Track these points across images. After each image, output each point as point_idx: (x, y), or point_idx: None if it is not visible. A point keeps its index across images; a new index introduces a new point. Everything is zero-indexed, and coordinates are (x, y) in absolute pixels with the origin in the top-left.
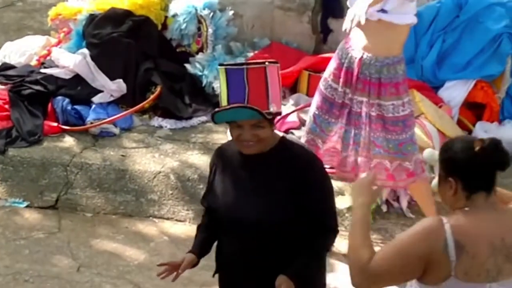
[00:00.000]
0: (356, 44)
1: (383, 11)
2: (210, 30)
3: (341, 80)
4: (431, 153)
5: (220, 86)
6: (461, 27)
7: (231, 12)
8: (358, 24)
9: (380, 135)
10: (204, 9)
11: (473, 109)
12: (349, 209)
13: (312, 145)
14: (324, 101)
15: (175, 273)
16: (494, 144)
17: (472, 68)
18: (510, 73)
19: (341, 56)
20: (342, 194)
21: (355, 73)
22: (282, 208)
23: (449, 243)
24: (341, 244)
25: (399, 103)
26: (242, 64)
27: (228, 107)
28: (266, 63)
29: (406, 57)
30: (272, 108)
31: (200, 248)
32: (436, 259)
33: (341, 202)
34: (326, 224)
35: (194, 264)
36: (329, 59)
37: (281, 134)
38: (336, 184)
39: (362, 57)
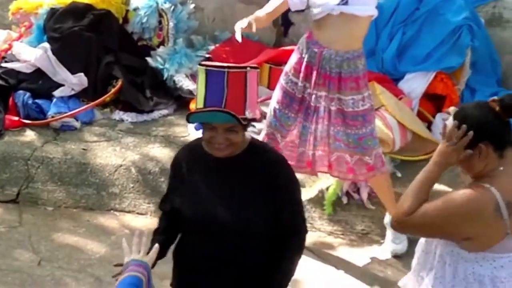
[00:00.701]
0: (316, 39)
1: (344, 3)
2: (171, 24)
3: (301, 74)
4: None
5: (197, 86)
6: (421, 19)
7: (192, 5)
8: (319, 19)
9: (341, 129)
10: (165, 2)
11: (433, 101)
12: (309, 201)
13: (272, 139)
14: (285, 96)
15: None
16: (510, 99)
17: (432, 60)
18: (469, 65)
19: (301, 51)
20: (303, 186)
21: (316, 67)
22: (253, 210)
23: (500, 205)
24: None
25: (359, 97)
26: (223, 66)
27: (205, 109)
28: (248, 68)
29: (367, 49)
30: (248, 114)
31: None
32: (487, 224)
33: (302, 194)
34: (295, 227)
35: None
36: (290, 51)
37: (249, 137)
38: (297, 176)
39: (322, 51)
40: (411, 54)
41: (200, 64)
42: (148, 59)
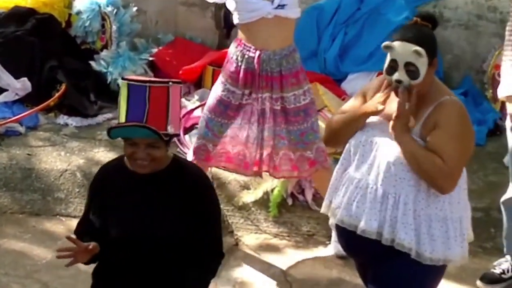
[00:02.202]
0: (249, 44)
1: (280, 7)
2: (114, 27)
3: (241, 82)
4: (402, 46)
5: (120, 100)
6: (363, 20)
7: (134, 9)
8: (249, 23)
9: (284, 127)
10: (107, 6)
11: None
12: (254, 203)
13: (203, 150)
14: (219, 104)
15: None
16: (427, 12)
17: (374, 60)
18: None
19: (236, 59)
20: (248, 188)
21: (257, 72)
22: (173, 227)
23: None
24: (248, 238)
25: (300, 92)
26: (145, 81)
27: (125, 124)
28: (170, 83)
29: (309, 50)
30: (170, 129)
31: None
32: None
33: (247, 197)
34: (212, 249)
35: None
36: None
37: (172, 154)
38: (242, 179)
39: (260, 55)
40: (353, 55)
41: (122, 79)
42: (92, 62)
